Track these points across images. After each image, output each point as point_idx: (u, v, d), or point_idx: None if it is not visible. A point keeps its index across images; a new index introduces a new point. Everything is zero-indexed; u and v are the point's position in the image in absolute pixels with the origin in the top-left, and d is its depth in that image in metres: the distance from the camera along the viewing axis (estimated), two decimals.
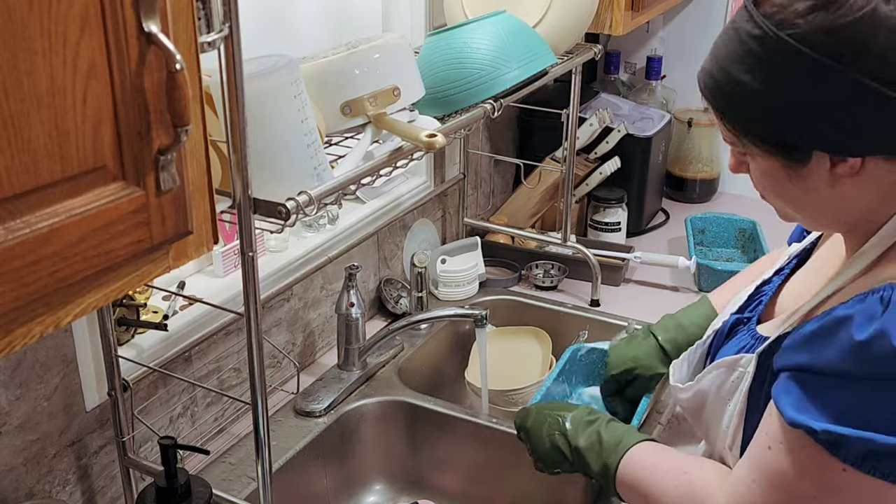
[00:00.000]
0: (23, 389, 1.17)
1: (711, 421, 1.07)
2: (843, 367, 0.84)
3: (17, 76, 0.61)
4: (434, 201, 2.03)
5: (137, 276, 0.77)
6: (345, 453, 1.58)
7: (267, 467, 1.11)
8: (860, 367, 0.83)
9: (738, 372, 1.01)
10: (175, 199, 0.76)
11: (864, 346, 0.82)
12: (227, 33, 0.89)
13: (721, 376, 1.03)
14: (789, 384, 0.89)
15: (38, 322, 0.69)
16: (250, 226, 1.01)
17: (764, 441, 0.94)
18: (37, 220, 0.65)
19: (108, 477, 1.33)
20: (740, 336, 1.06)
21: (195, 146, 0.80)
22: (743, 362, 1.00)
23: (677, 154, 2.55)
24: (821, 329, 0.87)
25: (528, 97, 1.69)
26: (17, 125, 0.62)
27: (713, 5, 2.51)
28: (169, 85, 0.71)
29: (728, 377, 1.02)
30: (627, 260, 2.07)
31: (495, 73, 1.42)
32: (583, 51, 1.78)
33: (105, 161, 0.69)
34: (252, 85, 1.00)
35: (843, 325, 0.85)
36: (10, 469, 1.17)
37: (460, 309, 1.69)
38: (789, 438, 0.90)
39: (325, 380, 1.62)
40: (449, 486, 1.63)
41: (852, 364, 0.83)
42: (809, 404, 0.87)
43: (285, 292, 1.60)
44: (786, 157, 0.90)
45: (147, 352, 1.33)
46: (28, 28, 0.61)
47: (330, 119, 1.25)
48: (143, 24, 0.68)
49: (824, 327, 0.87)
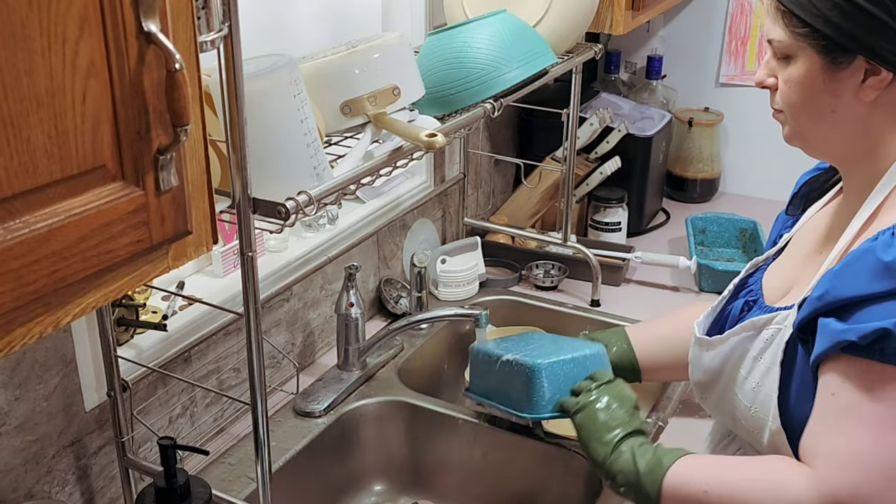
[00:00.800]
0: (22, 390, 1.16)
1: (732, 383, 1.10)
2: (875, 287, 0.91)
3: (17, 75, 0.61)
4: (434, 201, 2.03)
5: (137, 276, 0.77)
6: (345, 453, 1.58)
7: (266, 468, 1.11)
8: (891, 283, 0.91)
9: (771, 329, 1.05)
10: (174, 199, 0.76)
11: (891, 266, 0.91)
12: (226, 33, 0.89)
13: (752, 335, 1.08)
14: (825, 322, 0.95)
15: (38, 322, 0.69)
16: (250, 226, 1.01)
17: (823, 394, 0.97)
18: (36, 221, 0.65)
19: (108, 477, 1.33)
20: (753, 312, 1.11)
21: (194, 146, 0.80)
22: (778, 319, 1.05)
23: (678, 154, 2.55)
24: (844, 265, 0.95)
25: (529, 97, 1.68)
26: (16, 125, 0.62)
27: (713, 5, 2.51)
28: (168, 84, 0.70)
29: (758, 335, 1.06)
30: (628, 260, 2.07)
31: (495, 72, 1.41)
32: (583, 50, 1.78)
33: (104, 161, 0.69)
34: (252, 84, 1.00)
35: (865, 255, 0.93)
36: (10, 469, 1.17)
37: (460, 309, 1.69)
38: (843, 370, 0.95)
39: (325, 380, 1.62)
40: (449, 486, 1.63)
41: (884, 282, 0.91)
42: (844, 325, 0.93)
43: (285, 292, 1.60)
44: (831, 57, 0.98)
45: (146, 352, 1.33)
46: (27, 27, 0.61)
47: (330, 119, 1.24)
48: (143, 24, 0.68)
49: (847, 263, 0.95)
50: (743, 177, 2.60)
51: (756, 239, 2.17)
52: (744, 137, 2.54)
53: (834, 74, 0.98)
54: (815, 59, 0.99)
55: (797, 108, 1.03)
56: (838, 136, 1.03)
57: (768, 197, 2.50)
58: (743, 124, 2.52)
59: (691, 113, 2.54)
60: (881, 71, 0.96)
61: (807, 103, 1.02)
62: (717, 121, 2.51)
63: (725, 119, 2.52)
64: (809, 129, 1.04)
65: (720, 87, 2.57)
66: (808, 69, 1.00)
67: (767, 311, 1.09)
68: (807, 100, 1.02)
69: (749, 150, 2.55)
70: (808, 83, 1.01)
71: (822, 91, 1.00)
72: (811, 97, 1.01)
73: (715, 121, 2.52)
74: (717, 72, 2.56)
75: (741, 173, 2.60)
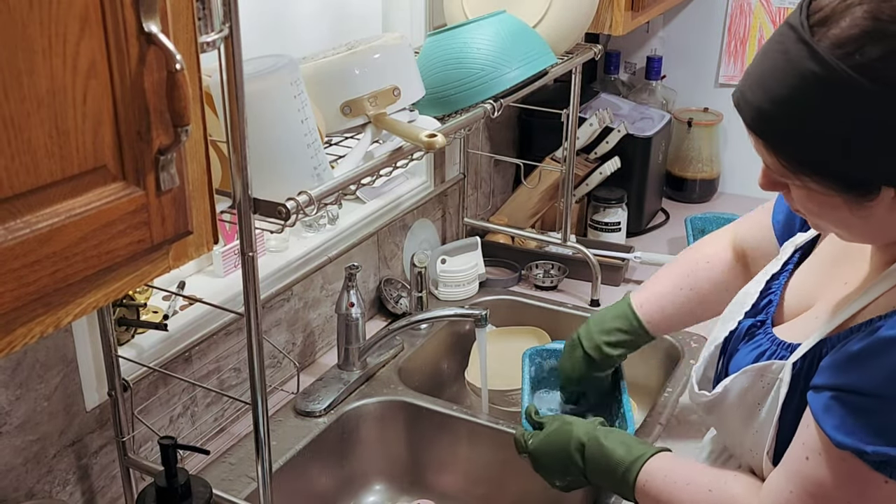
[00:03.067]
0: (23, 389, 1.16)
1: (733, 422, 1.05)
2: (891, 389, 0.83)
3: (17, 76, 0.61)
4: (434, 201, 2.03)
5: (137, 276, 0.77)
6: (345, 453, 1.58)
7: (267, 467, 1.11)
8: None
9: (767, 378, 0.99)
10: (175, 199, 0.76)
11: None
12: (227, 33, 0.89)
13: (748, 382, 1.01)
14: (832, 404, 0.88)
15: (38, 322, 0.69)
16: (250, 226, 1.01)
17: (801, 452, 0.93)
18: (37, 221, 0.65)
19: (108, 477, 1.33)
20: (758, 339, 1.04)
21: (195, 146, 0.80)
22: (774, 369, 0.98)
23: (677, 154, 2.55)
24: (865, 350, 0.86)
25: (528, 97, 1.69)
26: (17, 125, 0.62)
27: (713, 5, 2.51)
28: (169, 85, 0.71)
29: (756, 383, 1.00)
30: (627, 260, 2.07)
31: (495, 73, 1.41)
32: (583, 51, 1.78)
33: (105, 161, 0.69)
34: (252, 85, 1.00)
35: (889, 347, 0.84)
36: (10, 469, 1.17)
37: (460, 309, 1.69)
38: (831, 453, 0.89)
39: (325, 380, 1.62)
40: (449, 486, 1.63)
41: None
42: (856, 426, 0.86)
43: (285, 292, 1.60)
44: (851, 192, 0.85)
45: (147, 352, 1.33)
46: (28, 28, 0.61)
47: (330, 119, 1.24)
48: (144, 24, 0.68)
49: (869, 348, 0.85)
50: (742, 177, 2.60)
51: None
52: (743, 138, 2.49)
53: (860, 204, 0.85)
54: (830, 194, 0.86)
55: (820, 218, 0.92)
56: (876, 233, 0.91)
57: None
58: (742, 125, 2.51)
59: (691, 113, 2.54)
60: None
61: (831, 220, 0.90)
62: (717, 121, 2.52)
63: (725, 119, 2.52)
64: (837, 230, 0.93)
65: (719, 88, 2.57)
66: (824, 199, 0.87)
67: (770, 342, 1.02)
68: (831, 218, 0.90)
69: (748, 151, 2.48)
70: (829, 208, 0.88)
71: (849, 215, 0.87)
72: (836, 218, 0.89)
73: (714, 121, 2.52)
74: (717, 72, 2.56)
75: (740, 173, 2.60)
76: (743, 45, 2.50)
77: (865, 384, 0.85)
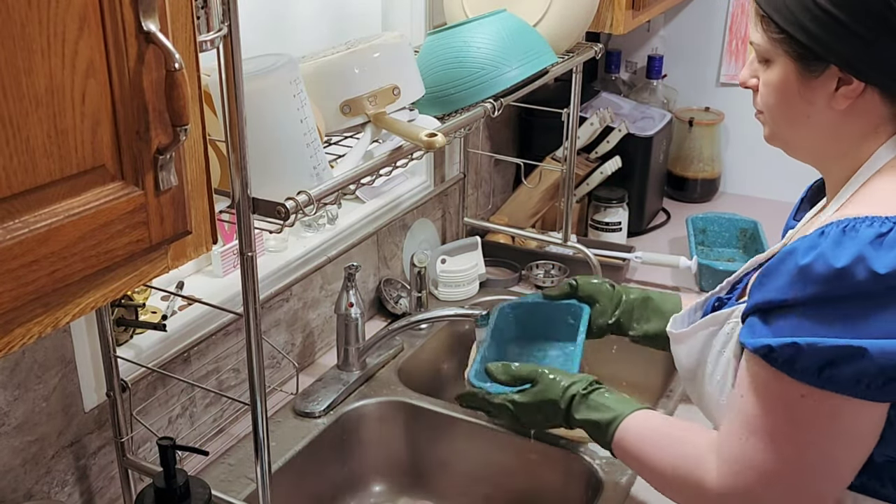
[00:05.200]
0: (21, 390, 1.16)
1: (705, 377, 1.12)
2: (792, 292, 0.92)
3: (16, 75, 0.61)
4: (434, 201, 2.03)
5: (136, 276, 0.77)
6: (344, 454, 1.58)
7: (266, 468, 1.11)
8: (806, 289, 0.91)
9: (731, 323, 1.07)
10: (174, 199, 0.75)
11: (805, 270, 0.91)
12: (226, 32, 0.89)
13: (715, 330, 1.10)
14: (751, 320, 0.98)
15: (37, 322, 0.69)
16: (249, 226, 1.01)
17: (737, 391, 1.01)
18: (35, 220, 0.65)
19: (107, 478, 1.33)
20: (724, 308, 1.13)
21: (194, 146, 0.79)
22: (736, 313, 1.06)
23: (678, 154, 2.55)
24: (771, 264, 0.96)
25: (529, 96, 1.68)
26: (15, 124, 0.62)
27: (714, 5, 2.51)
28: (168, 84, 0.70)
29: (720, 329, 1.09)
30: (628, 260, 2.07)
31: (495, 72, 1.41)
32: (583, 50, 1.77)
33: (104, 161, 0.69)
34: (251, 84, 1.00)
35: (789, 257, 0.93)
36: (9, 470, 1.17)
37: (460, 309, 1.69)
38: (753, 372, 0.98)
39: (325, 380, 1.62)
40: (449, 486, 1.63)
41: (799, 288, 0.91)
42: (765, 329, 0.95)
43: (284, 292, 1.60)
44: (805, 64, 0.99)
45: (146, 352, 1.33)
46: (27, 27, 0.61)
47: (329, 118, 1.24)
48: (142, 24, 0.68)
49: (774, 262, 0.96)
50: (743, 177, 2.60)
51: (756, 239, 2.17)
52: (744, 137, 2.53)
53: (808, 82, 1.00)
54: (790, 65, 1.01)
55: (774, 111, 1.06)
56: (813, 140, 1.05)
57: (769, 197, 2.50)
58: (743, 124, 2.52)
59: (692, 113, 2.54)
60: (853, 81, 0.97)
61: (783, 108, 1.05)
62: (718, 120, 2.51)
63: (726, 119, 2.52)
64: (786, 132, 1.07)
65: (721, 87, 2.57)
66: (783, 74, 1.02)
67: (732, 305, 1.11)
68: (783, 104, 1.04)
69: (750, 150, 2.54)
70: (783, 88, 1.03)
71: (797, 97, 1.02)
72: (787, 102, 1.04)
73: (715, 120, 2.51)
74: (718, 71, 2.56)
75: (742, 173, 2.60)
76: (744, 45, 2.50)
77: (770, 294, 0.94)
